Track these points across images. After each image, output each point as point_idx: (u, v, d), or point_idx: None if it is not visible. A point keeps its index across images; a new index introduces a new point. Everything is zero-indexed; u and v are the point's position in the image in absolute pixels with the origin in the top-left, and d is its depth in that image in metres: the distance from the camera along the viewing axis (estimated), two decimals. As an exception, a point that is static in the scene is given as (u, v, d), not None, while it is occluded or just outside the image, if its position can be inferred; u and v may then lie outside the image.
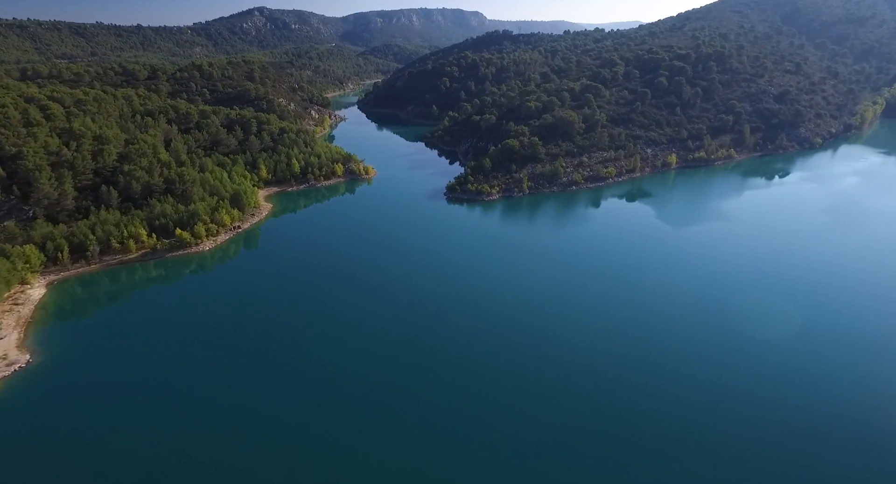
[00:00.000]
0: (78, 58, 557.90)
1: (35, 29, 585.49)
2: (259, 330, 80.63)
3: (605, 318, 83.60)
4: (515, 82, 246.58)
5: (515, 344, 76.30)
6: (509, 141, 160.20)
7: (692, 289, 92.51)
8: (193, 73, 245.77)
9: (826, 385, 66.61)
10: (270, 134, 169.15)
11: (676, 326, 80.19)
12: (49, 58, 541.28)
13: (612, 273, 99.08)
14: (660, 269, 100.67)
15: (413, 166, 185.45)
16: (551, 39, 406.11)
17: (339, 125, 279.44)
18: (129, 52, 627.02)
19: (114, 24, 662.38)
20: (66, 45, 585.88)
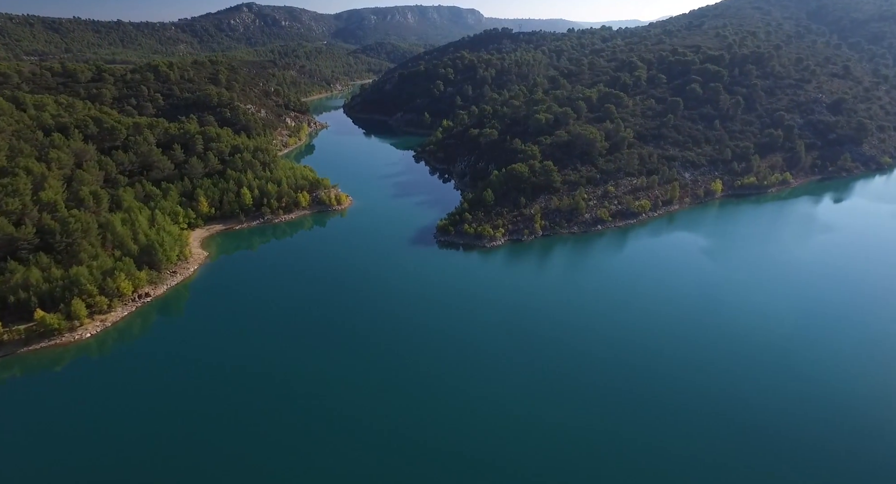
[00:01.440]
0: (49, 55, 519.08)
1: (4, 24, 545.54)
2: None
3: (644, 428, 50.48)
4: (520, 88, 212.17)
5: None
6: (516, 166, 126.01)
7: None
8: (147, 74, 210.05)
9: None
10: (219, 154, 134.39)
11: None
12: (18, 54, 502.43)
13: (664, 370, 65.74)
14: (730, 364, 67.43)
15: (398, 191, 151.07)
16: (554, 38, 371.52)
17: (319, 134, 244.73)
18: (106, 49, 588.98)
19: (91, 20, 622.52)
20: (38, 42, 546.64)
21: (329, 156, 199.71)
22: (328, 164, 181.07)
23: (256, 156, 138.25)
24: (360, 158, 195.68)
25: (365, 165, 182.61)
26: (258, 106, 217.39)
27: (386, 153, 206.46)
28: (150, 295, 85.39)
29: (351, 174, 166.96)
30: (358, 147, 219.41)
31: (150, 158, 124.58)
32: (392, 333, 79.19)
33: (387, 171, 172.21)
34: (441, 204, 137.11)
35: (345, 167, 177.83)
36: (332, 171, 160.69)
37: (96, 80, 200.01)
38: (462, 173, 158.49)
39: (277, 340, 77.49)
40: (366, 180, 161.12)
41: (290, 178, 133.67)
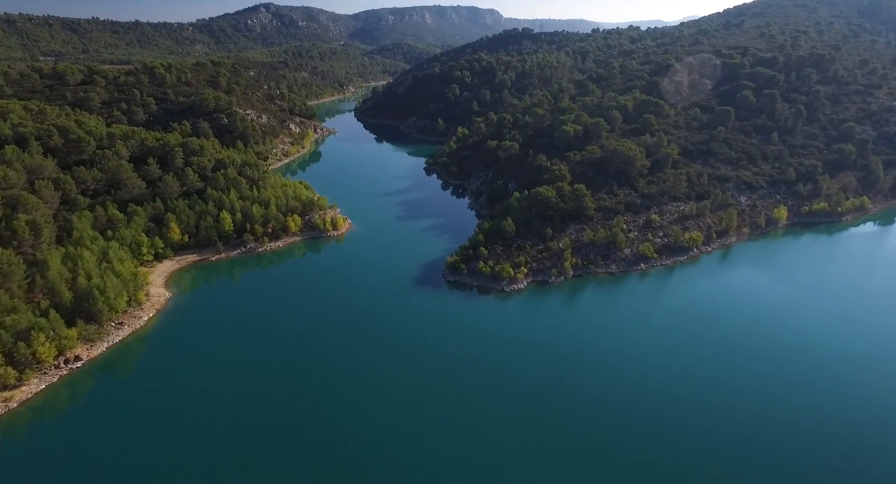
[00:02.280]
0: (66, 55, 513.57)
1: (23, 24, 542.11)
2: None
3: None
4: (543, 93, 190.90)
5: None
6: (542, 190, 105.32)
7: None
8: (141, 77, 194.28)
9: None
10: (200, 170, 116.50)
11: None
12: (35, 55, 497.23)
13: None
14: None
15: (405, 211, 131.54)
16: (578, 38, 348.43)
17: (326, 140, 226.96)
18: (124, 49, 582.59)
19: (110, 20, 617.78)
20: (56, 42, 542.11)
21: (332, 167, 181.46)
22: (330, 177, 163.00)
23: (243, 172, 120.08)
24: (366, 170, 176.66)
25: (370, 178, 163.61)
26: (259, 111, 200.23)
27: (395, 163, 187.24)
28: (83, 358, 67.20)
29: (354, 190, 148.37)
30: (365, 156, 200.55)
31: (118, 175, 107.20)
32: (387, 399, 60.87)
33: (394, 186, 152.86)
34: (453, 229, 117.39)
35: (348, 181, 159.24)
36: (333, 186, 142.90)
37: (86, 83, 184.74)
38: (478, 191, 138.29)
39: (246, 411, 59.09)
40: (369, 197, 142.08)
41: (279, 198, 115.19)
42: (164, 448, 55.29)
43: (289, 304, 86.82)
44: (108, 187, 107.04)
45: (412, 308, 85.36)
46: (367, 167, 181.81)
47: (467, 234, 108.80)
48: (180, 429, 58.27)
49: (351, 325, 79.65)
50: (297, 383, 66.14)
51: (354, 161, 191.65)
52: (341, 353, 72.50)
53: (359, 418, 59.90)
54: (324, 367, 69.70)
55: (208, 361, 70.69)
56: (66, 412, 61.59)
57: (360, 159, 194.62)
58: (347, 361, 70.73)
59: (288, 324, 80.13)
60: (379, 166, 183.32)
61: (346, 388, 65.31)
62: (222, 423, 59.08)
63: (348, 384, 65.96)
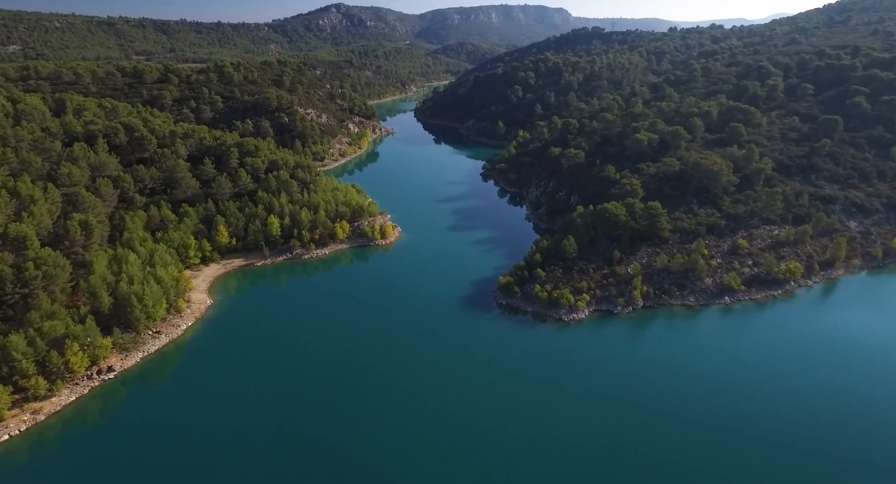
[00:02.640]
0: (156, 54, 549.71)
1: (122, 26, 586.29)
2: None
3: None
4: (613, 97, 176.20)
5: None
6: (610, 206, 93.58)
7: None
8: (211, 75, 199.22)
9: None
10: (253, 171, 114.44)
11: None
12: (129, 54, 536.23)
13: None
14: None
15: (458, 221, 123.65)
16: (653, 38, 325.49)
17: (384, 140, 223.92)
18: (206, 48, 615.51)
19: (195, 22, 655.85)
20: (148, 42, 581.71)
21: (387, 169, 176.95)
22: (384, 179, 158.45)
23: (295, 174, 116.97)
24: (420, 173, 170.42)
25: (425, 183, 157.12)
26: (320, 110, 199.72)
27: (451, 167, 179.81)
28: (116, 369, 64.66)
29: (406, 194, 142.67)
30: (421, 159, 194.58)
31: (175, 174, 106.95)
32: (427, 431, 55.49)
33: (448, 192, 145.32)
34: (508, 243, 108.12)
35: (401, 185, 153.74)
36: (385, 190, 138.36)
37: (162, 81, 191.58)
38: (537, 202, 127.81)
39: (280, 432, 54.62)
40: (422, 203, 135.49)
41: (329, 202, 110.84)
42: (194, 465, 51.19)
43: (330, 318, 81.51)
44: (164, 186, 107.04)
45: (459, 333, 77.32)
46: (422, 170, 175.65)
47: (523, 250, 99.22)
48: (211, 445, 54.39)
49: (392, 347, 73.15)
50: (332, 405, 61.55)
51: (410, 164, 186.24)
52: (381, 377, 66.62)
53: (396, 450, 53.20)
54: (362, 389, 64.12)
55: (243, 375, 66.62)
56: (96, 425, 58.98)
57: (416, 162, 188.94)
58: (387, 385, 64.75)
59: (328, 339, 74.95)
60: (434, 170, 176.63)
61: (384, 415, 59.45)
62: (255, 442, 55.19)
63: (387, 412, 59.94)
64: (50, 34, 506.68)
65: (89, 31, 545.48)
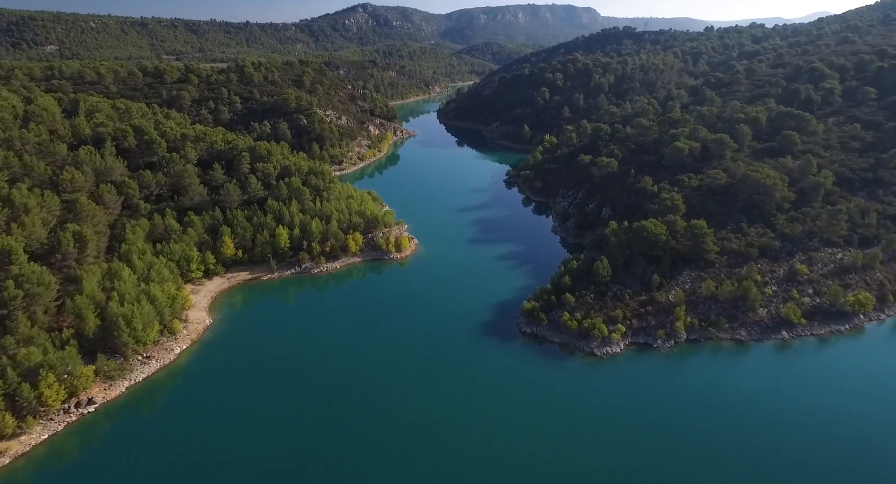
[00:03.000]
0: (185, 54, 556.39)
1: (154, 26, 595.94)
2: None
3: None
4: (648, 101, 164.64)
5: None
6: (648, 224, 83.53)
7: None
8: (231, 75, 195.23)
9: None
10: (264, 177, 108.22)
11: None
12: (159, 54, 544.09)
13: None
14: None
15: (479, 232, 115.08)
16: (688, 38, 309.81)
17: (405, 143, 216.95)
18: (234, 48, 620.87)
19: (224, 21, 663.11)
20: (178, 42, 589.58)
21: (407, 174, 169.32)
22: (402, 185, 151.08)
23: (308, 181, 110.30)
24: (441, 179, 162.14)
25: (445, 189, 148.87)
26: (339, 112, 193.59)
27: (474, 173, 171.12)
28: (97, 400, 58.44)
29: (426, 202, 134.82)
30: (443, 163, 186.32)
31: (182, 180, 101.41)
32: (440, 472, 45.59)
33: (469, 200, 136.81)
34: (533, 259, 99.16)
35: (421, 191, 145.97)
36: (403, 196, 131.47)
37: (182, 81, 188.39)
38: (564, 214, 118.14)
39: (287, 468, 47.27)
40: (442, 212, 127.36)
41: (342, 212, 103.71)
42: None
43: (338, 340, 74.25)
44: (171, 192, 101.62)
45: (478, 364, 68.96)
46: (442, 176, 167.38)
47: (550, 268, 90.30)
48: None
49: (406, 377, 65.62)
50: (339, 439, 54.37)
51: (430, 168, 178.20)
52: (393, 410, 59.16)
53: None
54: (372, 424, 56.96)
55: (241, 405, 59.99)
56: (71, 464, 52.79)
57: (437, 166, 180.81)
58: (400, 421, 57.30)
59: (335, 365, 68.00)
60: (456, 175, 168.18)
61: (397, 454, 51.93)
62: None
63: (399, 451, 52.57)
64: (85, 34, 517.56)
65: (123, 31, 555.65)
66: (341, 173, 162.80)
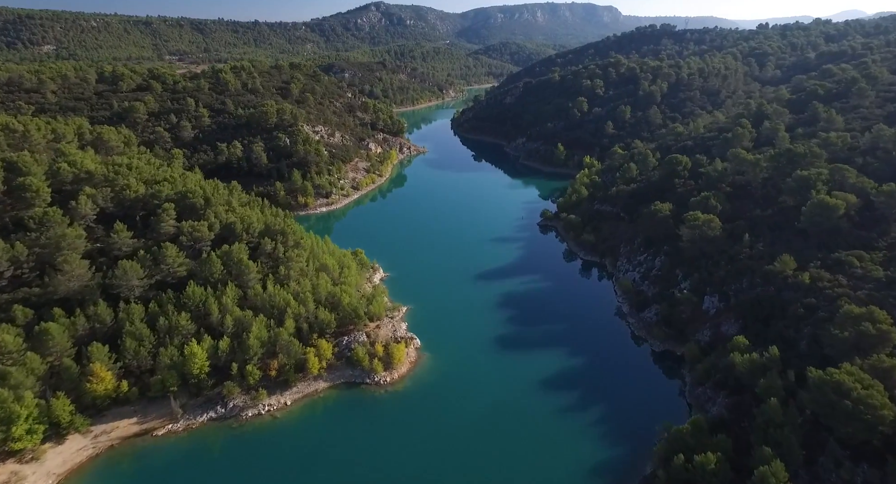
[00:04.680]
0: (189, 54, 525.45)
1: (158, 25, 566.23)
2: None
3: None
4: (740, 127, 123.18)
5: None
6: (840, 374, 43.73)
7: None
8: (202, 82, 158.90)
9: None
10: (191, 242, 70.65)
11: None
12: (161, 54, 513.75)
13: None
14: None
15: (511, 323, 76.32)
16: (739, 36, 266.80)
17: (412, 161, 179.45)
18: (241, 48, 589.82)
19: (232, 20, 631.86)
20: (183, 42, 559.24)
21: (410, 211, 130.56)
22: (404, 231, 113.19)
23: (261, 248, 72.78)
24: (454, 219, 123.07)
25: (460, 237, 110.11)
26: (333, 127, 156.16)
27: (497, 207, 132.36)
28: None
29: (433, 260, 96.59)
30: (457, 192, 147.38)
31: (57, 251, 64.30)
32: None
33: (494, 258, 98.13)
34: (602, 392, 60.55)
35: (427, 241, 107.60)
36: (403, 252, 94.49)
37: (141, 90, 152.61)
38: (638, 295, 78.62)
39: None
40: (455, 280, 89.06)
41: (305, 301, 65.97)
42: None
43: None
44: (39, 271, 64.69)
45: None
46: (457, 212, 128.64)
47: (630, 410, 52.79)
48: None
49: None
50: None
51: (442, 199, 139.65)
52: None
53: None
54: None
55: None
56: None
57: (450, 197, 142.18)
58: None
59: None
60: (474, 211, 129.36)
61: None
62: None
63: None
64: (85, 34, 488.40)
65: (125, 30, 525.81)
66: (328, 209, 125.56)
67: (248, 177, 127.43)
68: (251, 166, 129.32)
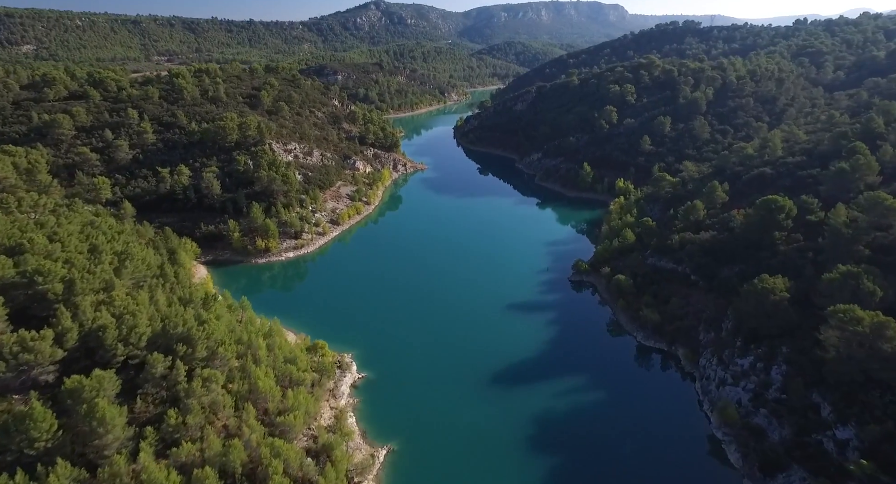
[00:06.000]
0: (179, 55, 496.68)
1: (148, 24, 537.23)
2: None
3: None
4: (802, 134, 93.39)
5: None
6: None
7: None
8: (152, 90, 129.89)
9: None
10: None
11: None
12: (150, 55, 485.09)
13: None
14: None
15: (557, 460, 47.84)
16: (777, 33, 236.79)
17: (409, 179, 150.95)
18: (235, 48, 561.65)
19: (226, 20, 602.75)
20: (174, 42, 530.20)
21: (401, 256, 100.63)
22: (390, 287, 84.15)
23: (146, 372, 43.87)
24: (457, 272, 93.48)
25: (464, 303, 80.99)
26: (311, 144, 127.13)
27: (511, 250, 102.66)
28: None
29: (428, 345, 67.56)
30: (461, 226, 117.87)
31: None
32: None
33: (512, 338, 68.94)
34: None
35: (420, 311, 78.29)
36: (389, 323, 65.12)
37: (75, 98, 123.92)
38: (769, 451, 49.36)
39: None
40: (460, 383, 60.25)
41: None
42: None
43: None
44: None
45: None
46: (462, 257, 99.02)
47: None
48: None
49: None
50: None
51: (442, 237, 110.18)
52: None
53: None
54: None
55: None
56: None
57: (453, 233, 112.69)
58: None
59: None
60: (482, 256, 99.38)
61: None
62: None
63: None
64: (69, 33, 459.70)
65: (112, 30, 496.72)
66: (297, 254, 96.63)
67: (196, 211, 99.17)
68: (200, 198, 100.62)
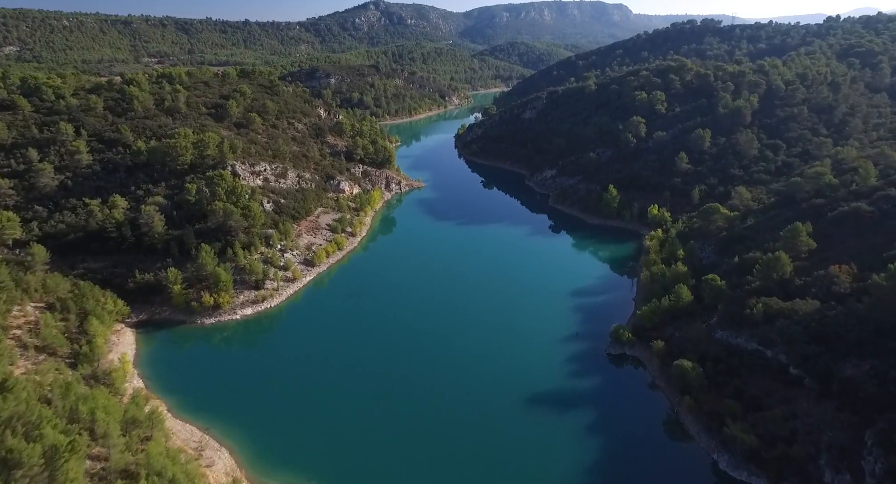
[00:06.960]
0: (170, 56, 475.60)
1: (139, 25, 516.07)
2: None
3: None
4: (888, 153, 71.90)
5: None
6: None
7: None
8: (95, 99, 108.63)
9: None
10: None
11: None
12: (139, 56, 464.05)
13: None
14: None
15: None
16: (808, 32, 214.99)
17: (404, 200, 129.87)
18: (229, 49, 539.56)
19: (220, 20, 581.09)
20: (165, 43, 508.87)
21: (388, 315, 79.30)
22: (372, 367, 62.82)
23: None
24: (461, 344, 72.36)
25: (472, 395, 59.89)
26: (285, 163, 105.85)
27: (527, 303, 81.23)
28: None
29: (428, 474, 46.20)
30: (464, 266, 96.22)
31: None
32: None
33: (538, 454, 48.15)
34: None
35: (415, 409, 56.92)
36: (369, 435, 42.32)
37: (2, 108, 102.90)
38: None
39: None
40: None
41: None
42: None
43: None
44: None
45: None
46: (465, 317, 77.77)
47: None
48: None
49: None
50: None
51: (442, 282, 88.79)
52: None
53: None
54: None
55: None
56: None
57: (455, 277, 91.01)
58: None
59: None
60: (493, 313, 78.00)
61: None
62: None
63: None
64: (55, 34, 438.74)
65: (101, 30, 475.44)
66: (256, 310, 75.45)
67: (133, 254, 78.35)
68: (139, 236, 79.68)
